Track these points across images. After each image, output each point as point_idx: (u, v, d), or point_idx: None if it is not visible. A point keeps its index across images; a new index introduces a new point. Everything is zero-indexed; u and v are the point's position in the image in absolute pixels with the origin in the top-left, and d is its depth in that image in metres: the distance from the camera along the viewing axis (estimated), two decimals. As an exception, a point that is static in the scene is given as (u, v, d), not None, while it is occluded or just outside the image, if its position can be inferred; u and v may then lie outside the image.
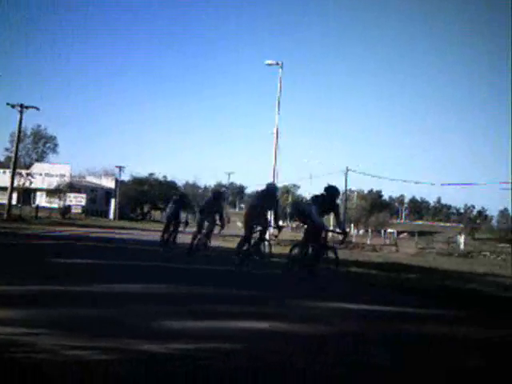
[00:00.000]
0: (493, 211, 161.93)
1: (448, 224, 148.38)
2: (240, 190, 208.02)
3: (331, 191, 14.09)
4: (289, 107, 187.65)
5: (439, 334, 8.45)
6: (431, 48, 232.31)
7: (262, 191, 16.35)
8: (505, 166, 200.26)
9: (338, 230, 15.05)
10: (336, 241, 16.11)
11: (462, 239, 64.35)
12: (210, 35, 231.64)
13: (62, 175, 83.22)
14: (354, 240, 64.62)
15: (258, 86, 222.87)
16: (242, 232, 18.21)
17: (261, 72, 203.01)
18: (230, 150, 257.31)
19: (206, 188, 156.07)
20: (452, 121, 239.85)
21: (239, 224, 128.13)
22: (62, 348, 5.68)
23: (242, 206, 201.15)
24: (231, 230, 75.91)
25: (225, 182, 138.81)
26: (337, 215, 14.51)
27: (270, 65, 41.79)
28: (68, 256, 16.90)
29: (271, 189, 16.37)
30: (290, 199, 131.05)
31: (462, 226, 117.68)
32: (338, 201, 14.61)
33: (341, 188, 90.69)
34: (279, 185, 79.29)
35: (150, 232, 44.08)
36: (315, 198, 14.29)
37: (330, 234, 14.89)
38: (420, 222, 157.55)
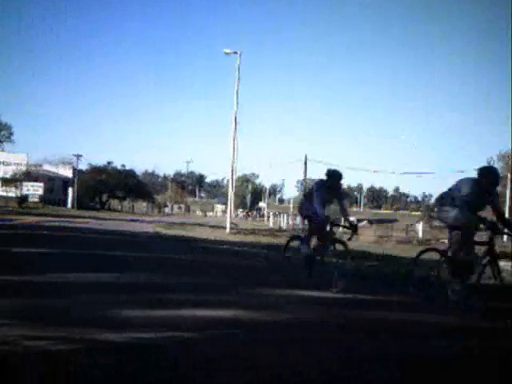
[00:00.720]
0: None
1: (406, 212, 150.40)
2: (199, 179, 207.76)
3: (335, 176, 12.02)
4: (250, 96, 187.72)
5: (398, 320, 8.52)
6: (388, 28, 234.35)
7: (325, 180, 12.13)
8: (461, 152, 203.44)
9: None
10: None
11: (420, 227, 65.12)
12: (175, 17, 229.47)
13: (19, 164, 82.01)
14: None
15: (219, 74, 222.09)
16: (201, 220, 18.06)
17: (222, 60, 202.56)
18: (189, 138, 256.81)
19: (165, 177, 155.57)
20: (409, 108, 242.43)
21: (198, 213, 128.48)
22: (24, 338, 5.59)
23: (202, 194, 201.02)
24: (191, 219, 75.95)
25: (184, 170, 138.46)
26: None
27: (227, 54, 41.73)
28: (26, 245, 16.61)
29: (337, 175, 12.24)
30: (249, 188, 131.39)
31: (420, 214, 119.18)
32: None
33: (300, 177, 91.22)
34: (238, 174, 78.34)
35: (105, 221, 43.78)
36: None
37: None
38: (380, 211, 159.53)
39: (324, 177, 12.06)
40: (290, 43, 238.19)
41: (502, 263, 10.47)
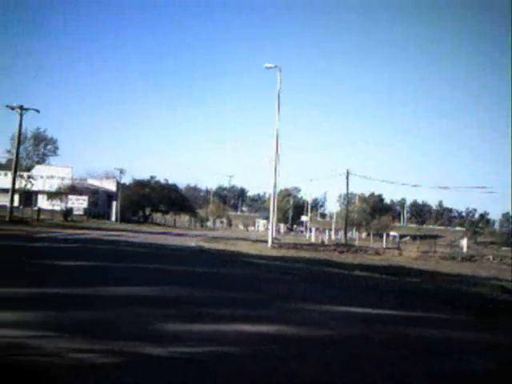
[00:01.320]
0: (495, 215, 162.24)
1: (450, 228, 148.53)
2: (241, 193, 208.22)
3: None
4: (290, 110, 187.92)
5: (445, 338, 8.40)
6: (435, 50, 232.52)
7: None
8: (507, 168, 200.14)
9: None
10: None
11: (464, 243, 64.30)
12: (212, 38, 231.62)
13: (64, 178, 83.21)
14: (356, 243, 64.57)
15: (258, 89, 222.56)
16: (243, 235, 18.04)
17: (261, 75, 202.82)
18: (230, 153, 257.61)
19: (207, 191, 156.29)
20: (454, 124, 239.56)
21: (240, 227, 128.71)
22: (69, 351, 5.68)
23: (244, 209, 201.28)
24: (233, 233, 76.07)
25: (226, 184, 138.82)
26: None
27: (268, 68, 41.80)
28: (74, 259, 16.83)
29: None
30: (291, 202, 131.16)
31: (464, 229, 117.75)
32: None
33: (342, 191, 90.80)
34: (280, 188, 78.14)
35: (149, 235, 44.06)
36: None
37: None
38: (423, 226, 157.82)
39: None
40: (328, 55, 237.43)
41: None
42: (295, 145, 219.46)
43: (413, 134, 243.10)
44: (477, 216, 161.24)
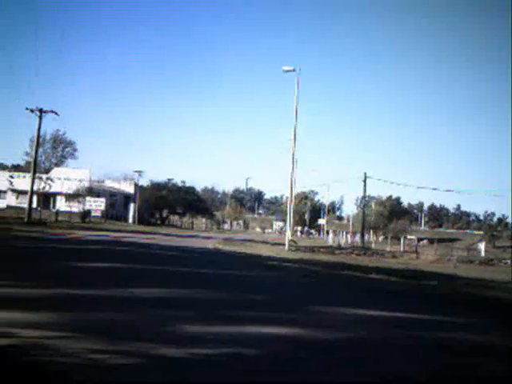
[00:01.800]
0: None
1: (468, 231, 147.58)
2: (258, 196, 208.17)
3: None
4: (308, 113, 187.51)
5: (465, 342, 8.38)
6: (444, 51, 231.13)
7: None
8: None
9: None
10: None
11: (482, 246, 63.90)
12: (229, 41, 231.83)
13: (81, 179, 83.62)
14: (373, 247, 64.35)
15: (276, 92, 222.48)
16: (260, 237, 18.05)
17: (279, 78, 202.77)
18: (247, 155, 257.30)
19: (224, 193, 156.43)
20: (473, 127, 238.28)
21: (257, 230, 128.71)
22: (87, 351, 5.72)
23: (261, 211, 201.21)
24: (250, 236, 76.10)
25: (243, 187, 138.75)
26: None
27: (286, 71, 41.79)
28: (94, 260, 16.94)
29: None
30: (308, 205, 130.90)
31: (481, 233, 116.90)
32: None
33: (359, 194, 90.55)
34: (297, 191, 77.97)
35: (167, 237, 44.15)
36: None
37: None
38: (440, 229, 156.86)
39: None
40: (349, 59, 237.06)
41: None
42: (313, 148, 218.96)
43: (431, 138, 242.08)
44: (495, 220, 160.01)
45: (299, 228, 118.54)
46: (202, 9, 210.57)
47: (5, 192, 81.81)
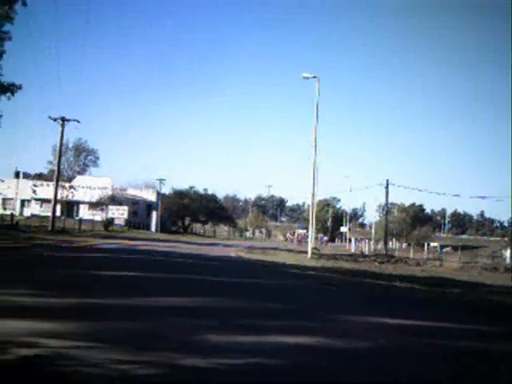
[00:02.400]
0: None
1: (492, 238, 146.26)
2: (280, 203, 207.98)
3: None
4: (328, 120, 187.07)
5: (487, 350, 8.32)
6: (478, 60, 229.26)
7: None
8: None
9: None
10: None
11: (507, 253, 63.32)
12: (247, 48, 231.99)
13: (104, 188, 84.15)
14: (396, 254, 64.01)
15: (297, 98, 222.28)
16: (282, 245, 18.04)
17: (298, 82, 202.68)
18: (270, 163, 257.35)
19: (246, 201, 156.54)
20: (493, 131, 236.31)
21: (279, 237, 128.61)
22: (110, 362, 5.76)
23: (283, 219, 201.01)
24: (272, 244, 76.04)
25: (264, 194, 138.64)
26: None
27: (306, 78, 41.89)
28: (116, 269, 17.03)
29: None
30: (330, 212, 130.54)
31: (506, 239, 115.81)
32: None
33: (381, 201, 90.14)
34: (319, 198, 77.77)
35: (190, 245, 44.26)
36: None
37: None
38: (463, 236, 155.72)
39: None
40: (369, 66, 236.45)
41: None
42: (335, 154, 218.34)
43: (454, 144, 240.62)
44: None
45: (321, 235, 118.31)
46: (219, 9, 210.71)
47: (29, 201, 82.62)
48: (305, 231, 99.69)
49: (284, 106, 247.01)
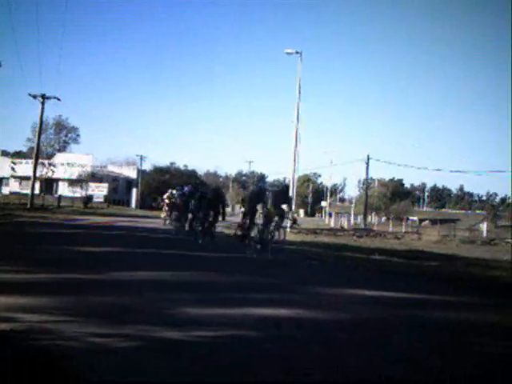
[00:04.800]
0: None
1: (470, 211, 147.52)
2: (261, 179, 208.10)
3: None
4: (309, 95, 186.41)
5: (466, 321, 8.43)
6: (444, 39, 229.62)
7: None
8: None
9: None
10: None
11: (484, 227, 63.91)
12: (229, 21, 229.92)
13: (84, 165, 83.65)
14: (375, 228, 64.37)
15: (279, 74, 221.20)
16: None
17: (282, 60, 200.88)
18: (250, 138, 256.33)
19: (227, 177, 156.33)
20: (474, 108, 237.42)
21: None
22: (89, 335, 5.76)
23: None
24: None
25: (245, 170, 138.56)
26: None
27: (289, 53, 41.83)
28: (94, 245, 17.00)
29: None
30: (310, 188, 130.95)
31: (484, 213, 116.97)
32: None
33: (361, 176, 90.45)
34: (299, 173, 78.15)
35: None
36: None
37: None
38: (442, 210, 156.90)
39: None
40: (350, 40, 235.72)
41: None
42: (316, 130, 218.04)
43: (434, 119, 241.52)
44: (497, 200, 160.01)
45: (302, 210, 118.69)
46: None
47: (8, 179, 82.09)
48: (285, 206, 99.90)
49: (267, 81, 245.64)
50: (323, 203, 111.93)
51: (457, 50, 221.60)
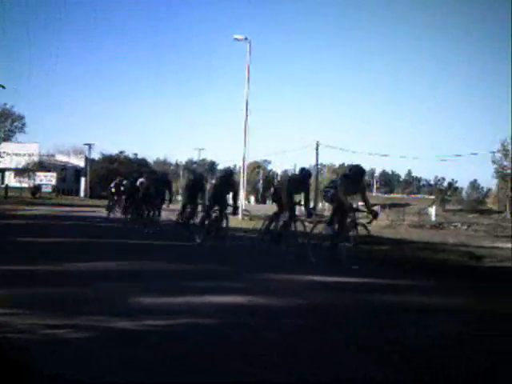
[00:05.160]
0: (463, 183, 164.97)
1: (419, 196, 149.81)
2: (211, 166, 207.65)
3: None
4: (260, 83, 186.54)
5: (414, 303, 8.59)
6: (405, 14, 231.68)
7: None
8: (474, 137, 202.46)
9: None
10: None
11: (432, 211, 64.95)
12: (177, 7, 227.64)
13: (31, 154, 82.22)
14: (325, 214, 64.75)
15: (228, 61, 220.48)
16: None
17: (231, 47, 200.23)
18: (200, 126, 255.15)
19: (177, 164, 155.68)
20: (420, 92, 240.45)
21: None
22: (40, 327, 5.69)
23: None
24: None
25: (196, 158, 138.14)
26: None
27: (238, 40, 41.88)
28: (40, 235, 16.75)
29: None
30: (261, 174, 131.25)
31: (432, 197, 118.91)
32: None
33: (311, 162, 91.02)
34: (250, 160, 78.26)
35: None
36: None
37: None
38: (392, 195, 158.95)
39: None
40: (299, 27, 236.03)
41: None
42: (265, 118, 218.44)
43: (381, 105, 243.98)
44: (445, 184, 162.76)
45: (253, 197, 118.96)
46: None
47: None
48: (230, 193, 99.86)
49: (216, 68, 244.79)
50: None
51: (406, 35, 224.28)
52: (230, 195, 17.83)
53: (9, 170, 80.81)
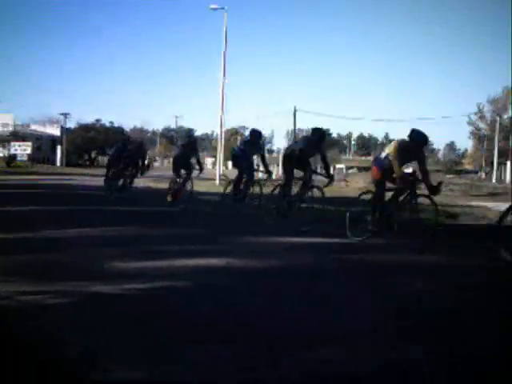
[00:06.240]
0: (439, 144, 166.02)
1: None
2: (189, 133, 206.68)
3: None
4: (237, 49, 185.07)
5: (387, 261, 8.75)
6: None
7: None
8: (449, 99, 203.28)
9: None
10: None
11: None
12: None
13: (5, 124, 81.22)
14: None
15: (205, 29, 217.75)
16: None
17: (208, 15, 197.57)
18: (177, 93, 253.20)
19: (154, 132, 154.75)
20: (398, 53, 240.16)
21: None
22: (19, 294, 5.72)
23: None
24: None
25: (173, 125, 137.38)
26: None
27: (214, 9, 41.81)
28: (17, 204, 16.65)
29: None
30: (238, 140, 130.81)
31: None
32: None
33: (289, 127, 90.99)
34: (227, 127, 77.64)
35: (94, 177, 43.63)
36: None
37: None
38: (369, 158, 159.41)
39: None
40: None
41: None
42: (243, 83, 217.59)
43: (359, 69, 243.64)
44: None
45: (230, 163, 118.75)
46: None
47: None
48: (213, 159, 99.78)
49: (194, 36, 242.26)
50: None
51: None
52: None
53: (-17, 140, 79.79)
